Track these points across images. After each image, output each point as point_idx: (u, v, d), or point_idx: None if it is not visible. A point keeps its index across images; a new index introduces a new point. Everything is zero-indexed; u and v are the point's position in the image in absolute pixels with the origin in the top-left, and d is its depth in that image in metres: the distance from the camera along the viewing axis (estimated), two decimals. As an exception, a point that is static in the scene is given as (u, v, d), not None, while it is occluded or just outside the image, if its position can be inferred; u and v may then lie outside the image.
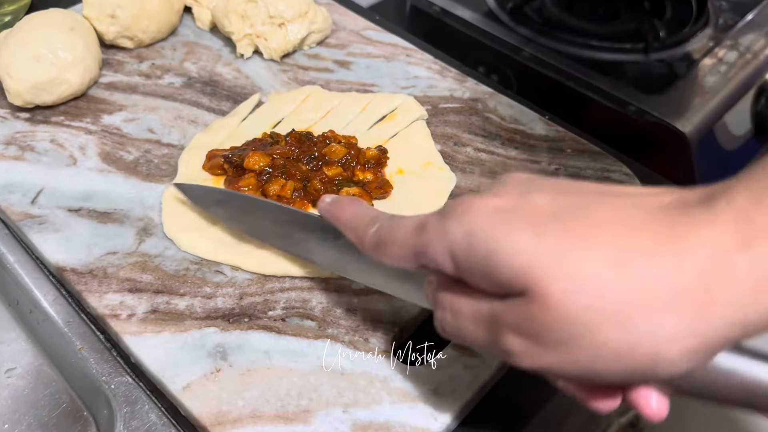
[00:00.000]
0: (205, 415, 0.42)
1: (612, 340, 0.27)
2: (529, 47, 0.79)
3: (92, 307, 0.48)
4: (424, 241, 0.33)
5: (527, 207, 0.30)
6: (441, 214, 0.32)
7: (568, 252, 0.28)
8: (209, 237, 0.51)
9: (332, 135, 0.57)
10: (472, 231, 0.30)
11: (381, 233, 0.36)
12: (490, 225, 0.30)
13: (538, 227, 0.29)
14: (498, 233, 0.29)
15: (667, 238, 0.27)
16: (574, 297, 0.27)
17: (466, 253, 0.30)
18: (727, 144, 0.75)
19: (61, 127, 0.60)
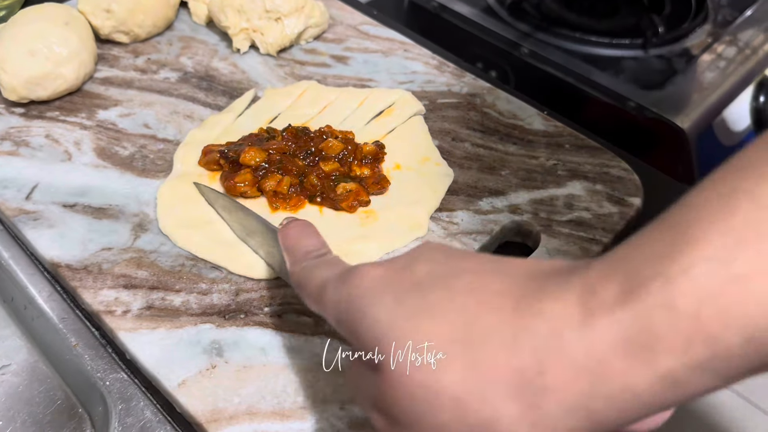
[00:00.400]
0: (200, 411, 0.41)
1: (452, 422, 0.25)
2: (528, 43, 0.79)
3: (87, 304, 0.47)
4: (323, 304, 0.33)
5: (403, 276, 0.29)
6: (340, 278, 0.32)
7: (416, 324, 0.27)
8: (205, 234, 0.51)
9: (329, 130, 0.57)
10: (350, 297, 0.30)
11: (300, 276, 0.37)
12: (366, 294, 0.30)
13: (400, 296, 0.28)
14: (367, 302, 0.29)
15: (512, 312, 0.26)
16: (413, 373, 0.26)
17: (344, 317, 0.31)
18: (726, 140, 0.75)
19: (56, 123, 0.60)
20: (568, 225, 0.52)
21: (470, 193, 0.55)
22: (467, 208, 0.53)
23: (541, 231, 0.52)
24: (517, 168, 0.57)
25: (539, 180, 0.56)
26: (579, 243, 0.51)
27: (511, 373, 0.25)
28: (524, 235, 0.53)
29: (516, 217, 0.53)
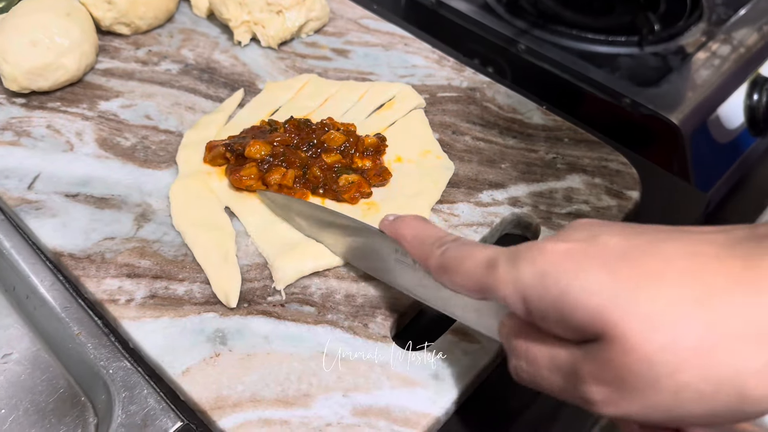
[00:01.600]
0: (204, 399, 0.42)
1: (694, 380, 0.26)
2: (525, 39, 0.79)
3: (90, 293, 0.47)
4: (494, 281, 0.32)
5: (598, 248, 0.29)
6: (512, 255, 0.32)
7: (643, 291, 0.27)
8: (210, 239, 0.50)
9: (331, 122, 0.57)
10: (544, 273, 0.30)
11: (447, 258, 0.36)
12: (562, 267, 0.29)
13: (611, 267, 0.28)
14: (571, 275, 0.29)
15: (742, 271, 0.27)
16: (651, 337, 0.26)
17: (539, 296, 0.30)
18: (720, 137, 0.76)
19: (58, 113, 0.60)
20: (568, 217, 0.53)
21: (471, 185, 0.55)
22: (468, 201, 0.54)
23: (540, 223, 0.52)
24: (516, 161, 0.57)
25: (539, 173, 0.56)
26: (578, 235, 0.51)
27: (754, 327, 0.26)
28: (524, 228, 0.54)
29: (516, 210, 0.53)
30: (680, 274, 0.27)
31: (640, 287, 0.27)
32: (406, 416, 0.41)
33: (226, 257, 0.49)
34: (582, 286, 0.28)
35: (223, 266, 0.48)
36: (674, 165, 0.72)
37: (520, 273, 0.31)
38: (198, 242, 0.50)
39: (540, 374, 0.32)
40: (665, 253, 0.28)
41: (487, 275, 0.33)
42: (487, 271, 0.33)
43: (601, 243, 0.30)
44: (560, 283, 0.29)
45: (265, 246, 0.50)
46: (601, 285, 0.28)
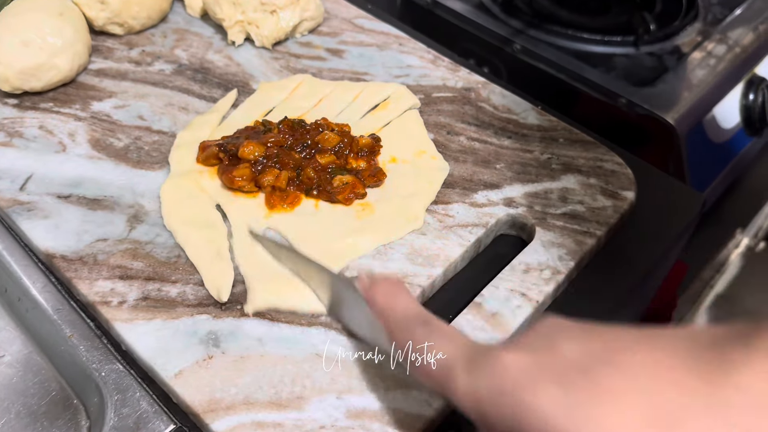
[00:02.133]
0: (197, 402, 0.41)
1: None
2: (520, 39, 0.79)
3: (82, 295, 0.47)
4: (450, 386, 0.32)
5: (555, 360, 0.28)
6: (470, 360, 0.31)
7: (595, 410, 0.26)
8: (201, 236, 0.50)
9: (325, 123, 0.57)
10: (500, 390, 0.29)
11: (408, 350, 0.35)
12: (518, 384, 0.28)
13: (566, 383, 0.27)
14: (526, 393, 0.28)
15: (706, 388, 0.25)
16: None
17: (494, 414, 0.29)
18: (716, 137, 0.76)
19: (50, 114, 0.60)
20: (563, 218, 0.53)
21: (465, 186, 0.55)
22: (463, 201, 0.54)
23: (535, 224, 0.52)
24: (511, 161, 0.57)
25: (534, 173, 0.56)
26: (573, 236, 0.51)
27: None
28: (519, 228, 0.54)
29: (511, 210, 0.53)
30: (638, 392, 0.26)
31: (594, 407, 0.26)
32: (400, 418, 0.41)
33: (218, 253, 0.49)
34: (536, 407, 0.27)
35: (215, 262, 0.48)
36: (670, 165, 0.72)
37: (477, 387, 0.30)
38: (190, 240, 0.50)
39: None
40: (622, 366, 0.27)
41: (446, 381, 0.32)
42: (444, 376, 0.32)
43: (558, 353, 0.29)
44: (516, 402, 0.28)
45: (244, 263, 0.49)
46: (556, 405, 0.27)
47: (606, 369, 0.27)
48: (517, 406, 0.28)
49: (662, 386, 0.25)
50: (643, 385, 0.26)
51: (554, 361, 0.28)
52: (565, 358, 0.28)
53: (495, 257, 0.52)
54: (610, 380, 0.26)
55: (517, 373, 0.29)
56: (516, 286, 0.48)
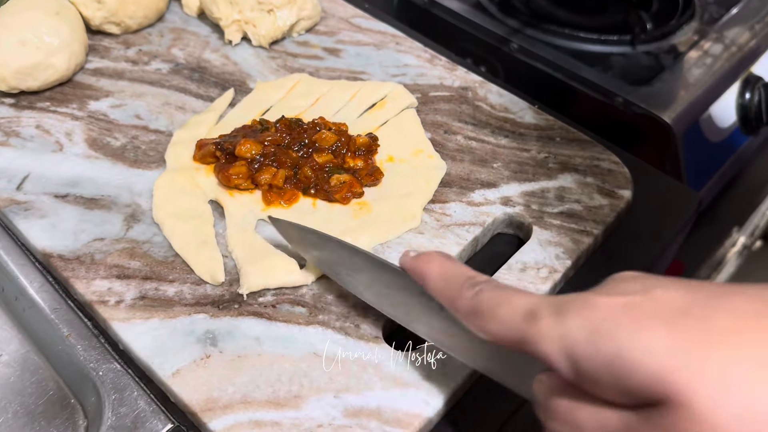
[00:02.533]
0: (194, 401, 0.42)
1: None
2: (517, 38, 0.79)
3: (80, 294, 0.47)
4: (535, 334, 0.29)
5: (656, 303, 0.27)
6: (557, 306, 0.29)
7: (711, 351, 0.24)
8: (189, 228, 0.50)
9: (323, 122, 0.57)
10: (596, 330, 0.27)
11: (480, 301, 0.32)
12: (617, 324, 0.26)
13: (673, 324, 0.26)
14: (627, 334, 0.26)
15: None
16: (723, 404, 0.24)
17: (590, 356, 0.27)
18: (712, 136, 0.76)
19: (47, 113, 0.59)
20: (560, 217, 0.53)
21: (463, 185, 0.55)
22: (460, 200, 0.54)
23: (532, 223, 0.52)
24: (508, 160, 0.57)
25: (531, 172, 0.56)
26: (570, 234, 0.51)
27: None
28: (516, 227, 0.54)
29: (508, 209, 0.53)
30: (751, 332, 0.25)
31: (709, 348, 0.25)
32: (397, 417, 0.41)
33: (205, 241, 0.49)
34: (641, 346, 0.25)
35: (202, 249, 0.49)
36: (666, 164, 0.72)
37: (567, 328, 0.28)
38: (176, 232, 0.50)
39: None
40: (733, 309, 0.26)
41: (527, 326, 0.29)
42: (526, 321, 0.29)
43: (658, 297, 0.27)
44: (615, 342, 0.26)
45: (236, 247, 0.49)
46: (663, 345, 0.25)
47: (715, 313, 0.26)
48: (617, 348, 0.26)
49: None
50: (756, 327, 0.25)
51: (655, 304, 0.27)
52: (665, 302, 0.27)
53: (492, 256, 0.53)
54: (721, 323, 0.25)
55: (615, 313, 0.27)
56: (513, 285, 0.48)
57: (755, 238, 1.27)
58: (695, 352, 0.25)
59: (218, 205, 0.53)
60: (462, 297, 0.34)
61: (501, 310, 0.31)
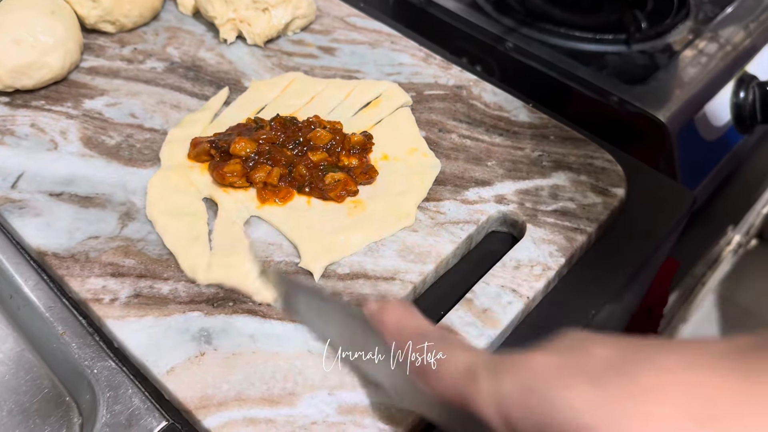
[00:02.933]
0: (189, 398, 0.42)
1: None
2: (512, 37, 0.79)
3: (74, 292, 0.47)
4: (474, 392, 0.30)
5: (587, 360, 0.27)
6: (493, 366, 0.30)
7: (636, 408, 0.25)
8: (181, 225, 0.51)
9: (317, 120, 0.57)
10: (528, 389, 0.27)
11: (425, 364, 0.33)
12: (547, 382, 0.27)
13: (600, 381, 0.26)
14: (556, 392, 0.26)
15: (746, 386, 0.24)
16: None
17: (522, 415, 0.27)
18: (707, 134, 0.76)
19: (42, 112, 0.59)
20: (553, 215, 0.53)
21: (457, 183, 0.55)
22: (454, 198, 0.54)
23: (526, 221, 0.52)
24: (503, 159, 0.57)
25: (525, 171, 0.56)
26: (564, 232, 0.52)
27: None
28: (510, 225, 0.54)
29: (502, 207, 0.53)
30: (678, 389, 0.25)
31: (631, 402, 0.25)
32: (391, 414, 0.41)
33: (197, 237, 0.50)
34: (568, 405, 0.26)
35: (192, 245, 0.49)
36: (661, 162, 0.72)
37: (501, 388, 0.28)
38: (168, 229, 0.50)
39: None
40: (660, 365, 0.26)
41: (466, 386, 0.30)
42: (466, 380, 0.30)
43: (589, 354, 0.27)
44: (544, 397, 0.27)
45: (216, 238, 0.50)
46: (589, 402, 0.25)
47: (642, 368, 0.26)
48: (547, 404, 0.27)
49: (703, 384, 0.25)
50: (682, 383, 0.25)
51: (586, 361, 0.27)
52: (598, 359, 0.27)
53: (486, 254, 0.53)
54: (648, 377, 0.25)
55: (547, 371, 0.27)
56: (507, 283, 0.48)
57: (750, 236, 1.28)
58: (618, 407, 0.25)
59: (213, 203, 0.53)
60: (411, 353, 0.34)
61: (444, 369, 0.32)
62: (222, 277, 0.47)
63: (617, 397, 0.25)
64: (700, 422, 0.24)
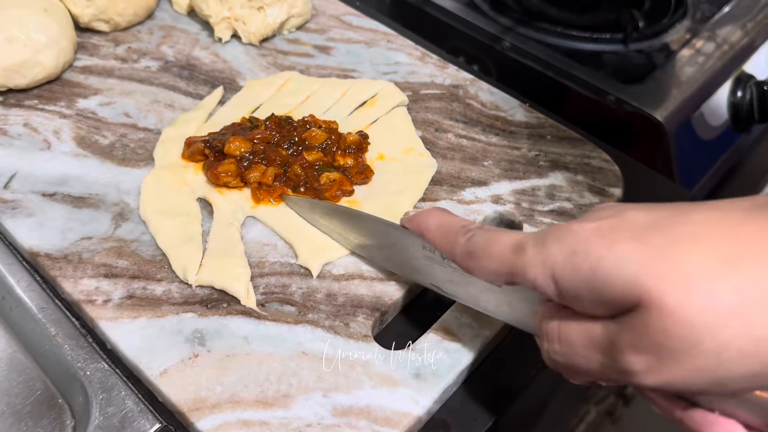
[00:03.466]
0: (182, 400, 0.41)
1: (735, 339, 0.26)
2: (509, 37, 0.79)
3: (67, 293, 0.47)
4: (523, 263, 0.32)
5: (625, 222, 0.30)
6: (539, 237, 0.32)
7: (675, 254, 0.27)
8: (175, 225, 0.50)
9: (312, 120, 0.57)
10: (574, 251, 0.30)
11: (474, 244, 0.36)
12: (592, 243, 0.29)
13: (640, 236, 0.29)
14: (601, 250, 0.29)
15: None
16: (690, 300, 0.26)
17: (570, 274, 0.30)
18: (704, 134, 0.76)
19: (35, 111, 0.59)
20: (550, 215, 0.53)
21: (453, 183, 0.55)
22: (450, 198, 0.54)
23: (523, 221, 0.52)
24: (499, 158, 0.57)
25: (521, 170, 0.56)
26: (561, 233, 0.51)
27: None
28: (506, 225, 0.54)
29: (498, 207, 0.53)
30: (711, 237, 0.28)
31: (673, 251, 0.27)
32: (387, 416, 0.41)
33: (190, 238, 0.49)
34: (613, 258, 0.28)
35: (185, 245, 0.49)
36: (658, 162, 0.72)
37: (548, 253, 0.31)
38: (161, 229, 0.50)
39: (575, 353, 0.31)
40: (693, 219, 0.29)
41: (515, 258, 0.33)
42: (514, 254, 0.33)
43: (627, 217, 0.30)
44: (591, 258, 0.29)
45: (212, 239, 0.50)
46: (632, 254, 0.28)
47: (677, 224, 0.29)
48: (593, 263, 0.29)
49: (732, 232, 0.28)
50: (714, 232, 0.28)
51: (625, 223, 0.30)
52: (635, 221, 0.30)
53: (483, 254, 0.52)
54: (682, 229, 0.28)
55: (590, 234, 0.30)
56: (503, 283, 0.48)
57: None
58: (661, 257, 0.28)
59: (207, 203, 0.53)
60: (457, 243, 0.37)
61: (492, 248, 0.34)
62: (212, 279, 0.47)
63: (657, 247, 0.28)
64: (729, 261, 0.27)
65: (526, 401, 0.46)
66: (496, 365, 0.45)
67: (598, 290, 0.29)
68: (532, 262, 0.32)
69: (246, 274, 0.47)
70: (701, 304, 0.26)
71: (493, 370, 0.45)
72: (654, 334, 0.27)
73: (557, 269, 0.31)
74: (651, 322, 0.27)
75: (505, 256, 0.33)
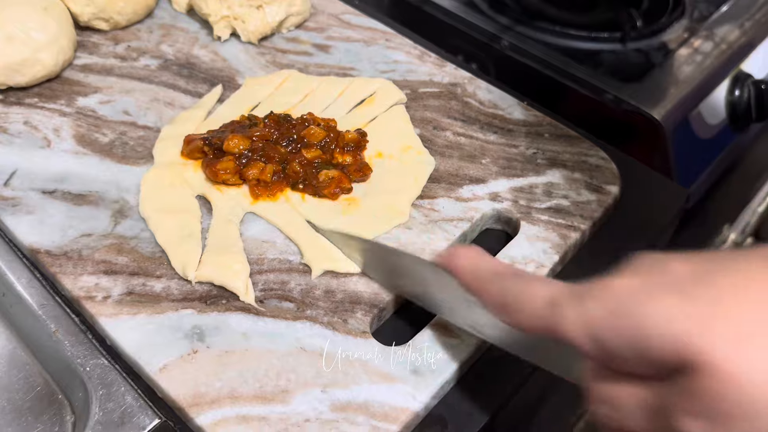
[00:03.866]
0: (182, 396, 0.42)
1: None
2: (508, 36, 0.79)
3: (67, 290, 0.47)
4: (559, 320, 0.30)
5: (667, 276, 0.28)
6: (574, 293, 0.30)
7: (725, 311, 0.26)
8: (175, 222, 0.50)
9: (311, 117, 0.57)
10: (614, 310, 0.28)
11: (506, 295, 0.34)
12: (632, 300, 0.28)
13: (685, 291, 0.27)
14: (644, 306, 0.27)
15: None
16: (744, 360, 0.25)
17: (612, 333, 0.28)
18: (702, 132, 0.76)
19: (35, 109, 0.59)
20: (547, 212, 0.53)
21: (451, 180, 0.55)
22: (448, 196, 0.54)
23: (520, 218, 0.52)
24: (497, 156, 0.57)
25: (519, 168, 0.56)
26: (558, 230, 0.52)
27: None
28: (504, 223, 0.54)
29: (496, 205, 0.53)
30: (755, 286, 0.26)
31: (720, 307, 0.26)
32: (385, 411, 0.41)
33: (190, 234, 0.49)
34: (656, 317, 0.27)
35: (185, 241, 0.49)
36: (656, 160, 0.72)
37: (587, 310, 0.29)
38: (161, 226, 0.50)
39: (626, 417, 0.29)
40: (738, 269, 0.27)
41: (550, 315, 0.31)
42: (550, 310, 0.31)
43: (669, 270, 0.28)
44: (633, 315, 0.27)
45: (212, 236, 0.50)
46: (678, 310, 0.26)
47: (722, 273, 0.27)
48: (638, 321, 0.27)
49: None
50: (759, 281, 0.26)
51: (666, 278, 0.28)
52: (678, 273, 0.28)
53: (480, 251, 0.53)
54: (726, 280, 0.27)
55: (632, 291, 0.28)
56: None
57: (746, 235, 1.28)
58: (708, 313, 0.26)
59: (206, 201, 0.53)
60: (488, 292, 0.35)
61: (525, 302, 0.33)
62: (211, 275, 0.47)
63: (703, 303, 0.26)
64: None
65: (523, 398, 0.46)
66: (493, 362, 0.46)
67: (643, 350, 0.27)
68: (569, 319, 0.30)
69: (245, 271, 0.47)
70: (757, 366, 0.25)
71: (490, 366, 0.45)
72: (709, 399, 0.26)
73: (598, 330, 0.29)
74: (704, 386, 0.26)
75: (539, 312, 0.32)
